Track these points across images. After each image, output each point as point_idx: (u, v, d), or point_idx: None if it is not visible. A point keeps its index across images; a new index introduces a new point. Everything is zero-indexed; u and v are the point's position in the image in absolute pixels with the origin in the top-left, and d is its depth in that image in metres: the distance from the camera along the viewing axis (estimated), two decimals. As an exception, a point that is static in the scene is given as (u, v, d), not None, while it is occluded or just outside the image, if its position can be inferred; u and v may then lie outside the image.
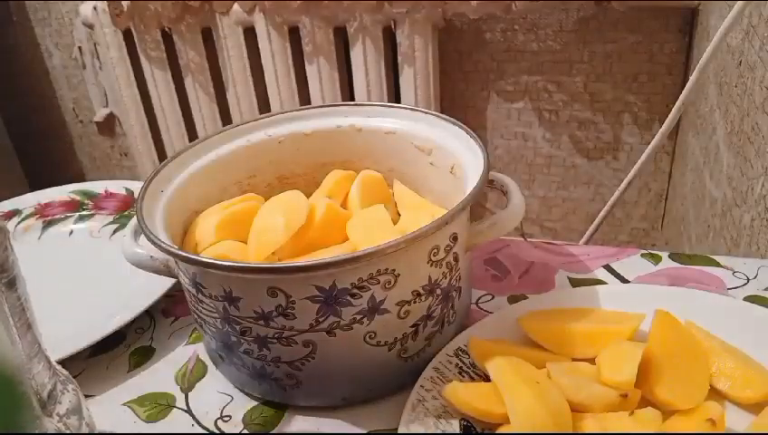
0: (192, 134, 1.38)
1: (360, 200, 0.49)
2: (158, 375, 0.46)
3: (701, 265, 0.51)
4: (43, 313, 0.52)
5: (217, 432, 0.41)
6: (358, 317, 0.38)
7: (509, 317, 0.44)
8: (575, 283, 0.51)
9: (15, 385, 0.17)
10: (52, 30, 1.51)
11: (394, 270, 0.37)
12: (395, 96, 1.26)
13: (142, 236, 0.40)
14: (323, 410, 0.42)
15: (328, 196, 0.48)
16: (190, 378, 0.46)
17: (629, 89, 1.19)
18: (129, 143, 1.44)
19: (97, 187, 0.68)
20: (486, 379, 0.40)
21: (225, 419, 0.42)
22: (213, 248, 0.44)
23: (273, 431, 0.41)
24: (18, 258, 0.35)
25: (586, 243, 1.08)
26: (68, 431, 0.32)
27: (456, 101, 1.31)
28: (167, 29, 1.27)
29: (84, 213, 0.66)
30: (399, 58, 1.20)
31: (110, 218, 0.65)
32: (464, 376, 0.41)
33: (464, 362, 0.41)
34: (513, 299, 0.50)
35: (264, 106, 1.33)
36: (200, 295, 0.40)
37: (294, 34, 1.23)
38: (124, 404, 0.44)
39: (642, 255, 0.53)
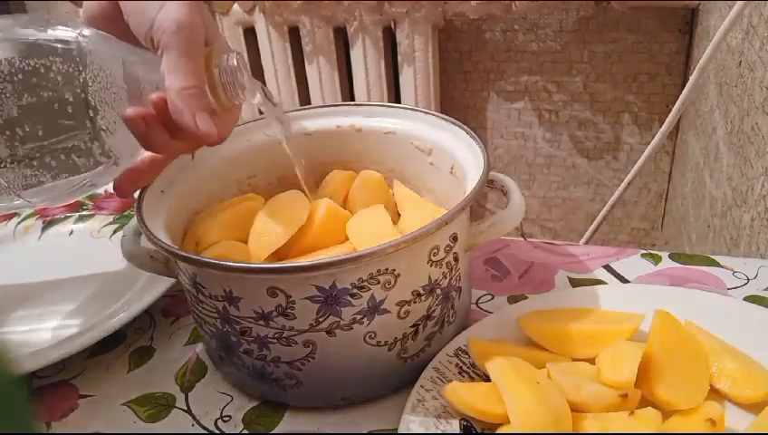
0: (192, 134, 1.37)
1: (360, 200, 0.49)
2: (158, 375, 0.46)
3: (701, 265, 0.51)
4: (43, 312, 0.52)
5: (217, 432, 0.41)
6: (358, 317, 0.38)
7: (509, 317, 0.44)
8: (575, 283, 0.51)
9: (14, 386, 0.17)
10: (52, 30, 1.51)
11: (394, 270, 0.37)
12: (395, 96, 1.26)
13: (142, 236, 0.40)
14: (323, 410, 0.42)
15: (328, 196, 0.48)
16: (190, 378, 0.46)
17: (629, 89, 1.19)
18: (129, 143, 1.43)
19: (97, 187, 0.68)
20: (486, 379, 0.40)
21: (225, 419, 0.42)
22: (213, 248, 0.44)
23: (273, 431, 0.41)
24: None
25: (586, 243, 1.08)
26: None
27: (456, 101, 1.31)
28: (167, 29, 1.27)
29: (84, 213, 0.66)
30: (399, 58, 1.20)
31: (110, 218, 0.65)
32: (464, 376, 0.41)
33: (464, 362, 0.41)
34: (513, 299, 0.50)
35: (264, 106, 1.33)
36: (200, 295, 0.40)
37: (294, 34, 1.23)
38: (124, 404, 0.44)
39: (642, 255, 0.53)
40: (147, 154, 0.41)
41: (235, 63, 0.39)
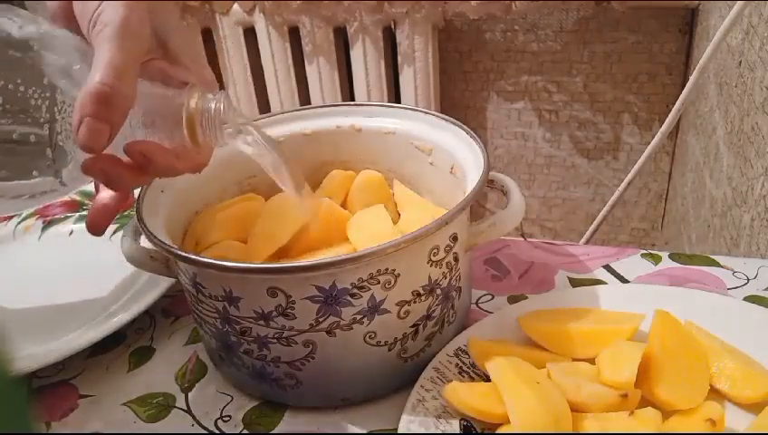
0: (192, 134, 1.37)
1: (360, 200, 0.49)
2: (158, 375, 0.46)
3: (701, 265, 0.51)
4: (43, 312, 0.52)
5: (217, 432, 0.41)
6: (358, 317, 0.38)
7: (509, 317, 0.44)
8: (575, 283, 0.51)
9: (14, 386, 0.17)
10: (52, 30, 1.51)
11: (394, 270, 0.37)
12: (395, 96, 1.26)
13: (142, 236, 0.40)
14: (323, 410, 0.42)
15: (328, 196, 0.48)
16: (190, 378, 0.46)
17: (629, 89, 1.19)
18: (129, 143, 1.43)
19: (97, 187, 0.68)
20: (486, 379, 0.40)
21: (225, 419, 0.42)
22: (213, 248, 0.44)
23: (273, 431, 0.41)
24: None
25: (586, 243, 1.08)
26: None
27: (456, 101, 1.31)
28: (167, 29, 1.27)
29: (84, 213, 0.66)
30: (399, 58, 1.20)
31: (110, 218, 0.64)
32: (464, 376, 0.41)
33: (464, 362, 0.41)
34: (513, 299, 0.50)
35: (264, 106, 1.33)
36: (200, 295, 0.40)
37: (294, 34, 1.23)
38: (124, 404, 0.44)
39: (642, 255, 0.53)
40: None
41: (221, 108, 0.36)
